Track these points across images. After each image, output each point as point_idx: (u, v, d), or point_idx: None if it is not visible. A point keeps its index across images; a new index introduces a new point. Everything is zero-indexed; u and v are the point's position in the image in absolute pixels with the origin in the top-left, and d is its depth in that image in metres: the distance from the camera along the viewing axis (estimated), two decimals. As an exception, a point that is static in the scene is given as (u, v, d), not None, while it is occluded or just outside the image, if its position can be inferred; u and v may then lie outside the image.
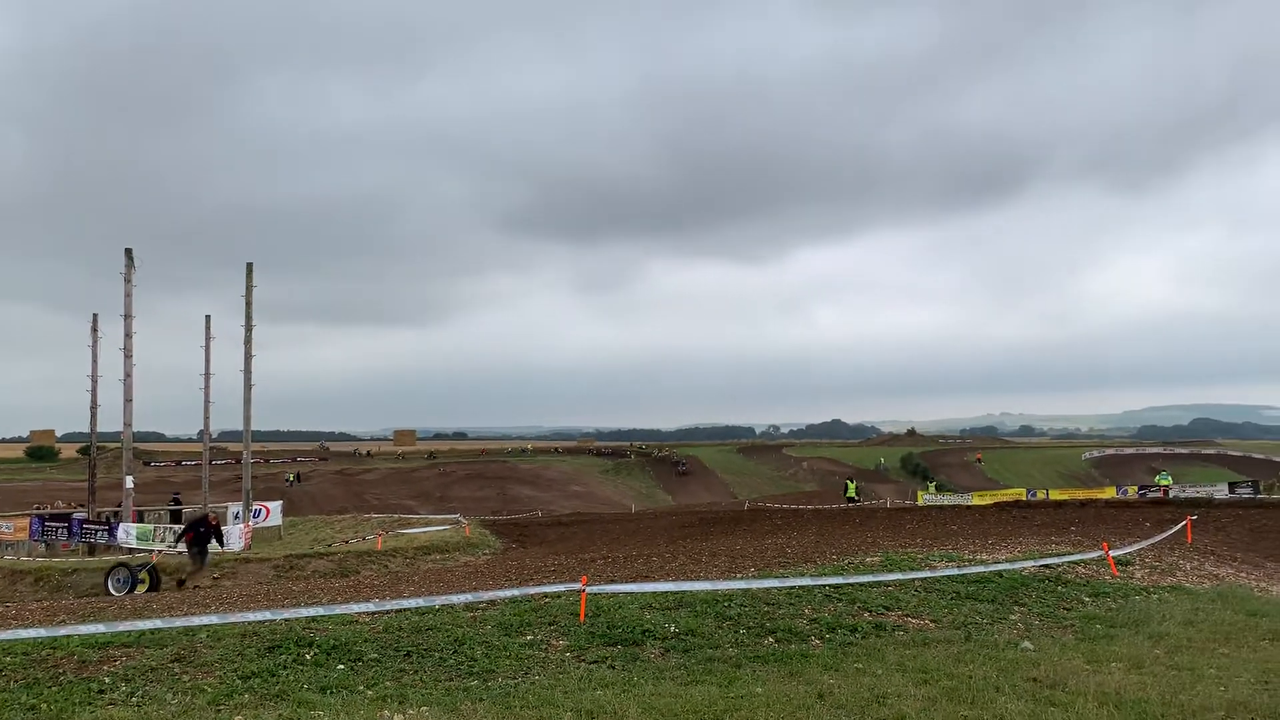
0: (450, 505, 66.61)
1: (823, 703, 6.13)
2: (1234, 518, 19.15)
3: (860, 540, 15.42)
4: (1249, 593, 10.78)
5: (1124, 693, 6.27)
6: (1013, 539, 14.77)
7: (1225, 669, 6.99)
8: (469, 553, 24.74)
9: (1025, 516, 21.57)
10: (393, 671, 6.93)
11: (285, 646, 7.30)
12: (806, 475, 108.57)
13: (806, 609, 8.84)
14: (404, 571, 19.95)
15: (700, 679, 6.81)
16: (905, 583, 9.96)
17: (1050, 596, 9.85)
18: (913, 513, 27.09)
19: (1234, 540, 15.77)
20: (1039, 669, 6.95)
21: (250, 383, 30.98)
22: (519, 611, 8.43)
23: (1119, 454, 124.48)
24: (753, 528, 22.54)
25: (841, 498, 50.65)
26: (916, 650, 7.62)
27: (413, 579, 14.93)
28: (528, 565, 15.44)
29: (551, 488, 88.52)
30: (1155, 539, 13.76)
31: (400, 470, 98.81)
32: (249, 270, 31.32)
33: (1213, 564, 12.86)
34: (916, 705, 6.03)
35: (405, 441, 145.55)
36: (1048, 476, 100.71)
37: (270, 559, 23.18)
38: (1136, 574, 11.43)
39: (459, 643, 7.53)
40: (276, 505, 35.95)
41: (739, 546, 15.59)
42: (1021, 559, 11.58)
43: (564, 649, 7.57)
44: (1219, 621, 8.80)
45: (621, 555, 15.63)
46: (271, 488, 71.64)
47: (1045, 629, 8.63)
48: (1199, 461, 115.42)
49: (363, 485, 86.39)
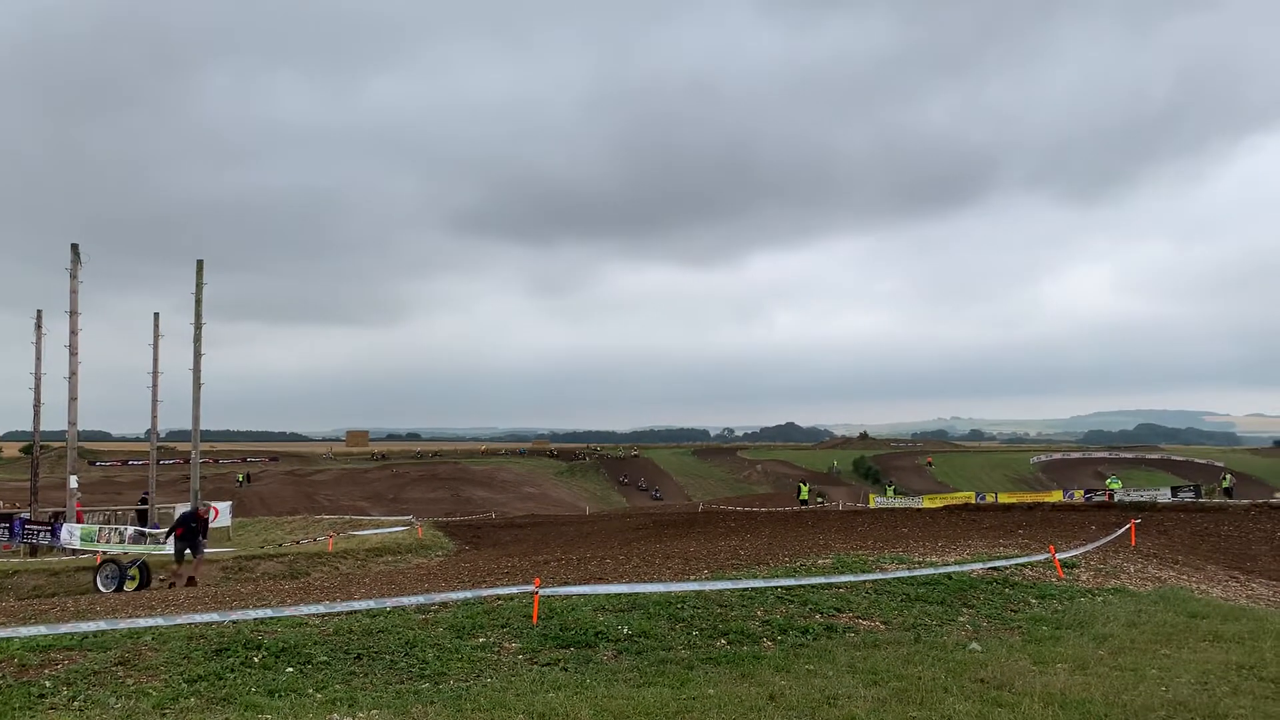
0: (403, 507, 66.14)
1: (774, 704, 6.17)
2: (1176, 521, 19.53)
3: (813, 542, 15.53)
4: (1190, 595, 11.01)
5: (1069, 693, 6.38)
6: (962, 542, 14.95)
7: (1166, 669, 7.14)
8: (421, 555, 24.56)
9: (974, 519, 21.85)
10: (343, 674, 6.86)
11: (233, 649, 7.20)
12: (760, 478, 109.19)
13: (759, 611, 8.88)
14: (355, 573, 19.75)
15: (653, 681, 6.82)
16: (856, 585, 10.05)
17: (998, 598, 9.99)
18: (864, 515, 27.35)
19: (1176, 543, 16.08)
20: (987, 670, 7.05)
21: (199, 381, 30.50)
22: (471, 614, 8.39)
23: (1066, 458, 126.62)
24: (706, 530, 22.59)
25: (795, 500, 51.05)
26: (867, 652, 7.70)
27: (364, 581, 14.78)
28: (481, 567, 15.36)
29: (505, 489, 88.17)
30: (1100, 542, 14.01)
31: (352, 471, 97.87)
32: (199, 268, 30.85)
33: (1155, 567, 13.11)
34: (866, 706, 6.09)
35: (357, 442, 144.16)
36: (997, 480, 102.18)
37: (218, 560, 22.83)
38: (1082, 576, 11.62)
39: (410, 645, 7.47)
40: (225, 506, 35.42)
41: (693, 549, 15.63)
42: (970, 561, 11.74)
43: (517, 651, 7.54)
44: (1161, 623, 8.98)
45: (575, 557, 15.60)
46: (221, 488, 70.70)
47: (993, 630, 8.75)
48: (1144, 466, 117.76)
49: (314, 486, 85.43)
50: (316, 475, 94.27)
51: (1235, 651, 7.75)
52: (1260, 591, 12.04)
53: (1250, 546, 16.37)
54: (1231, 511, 22.14)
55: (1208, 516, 20.62)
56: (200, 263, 31.09)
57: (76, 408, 30.17)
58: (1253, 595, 11.71)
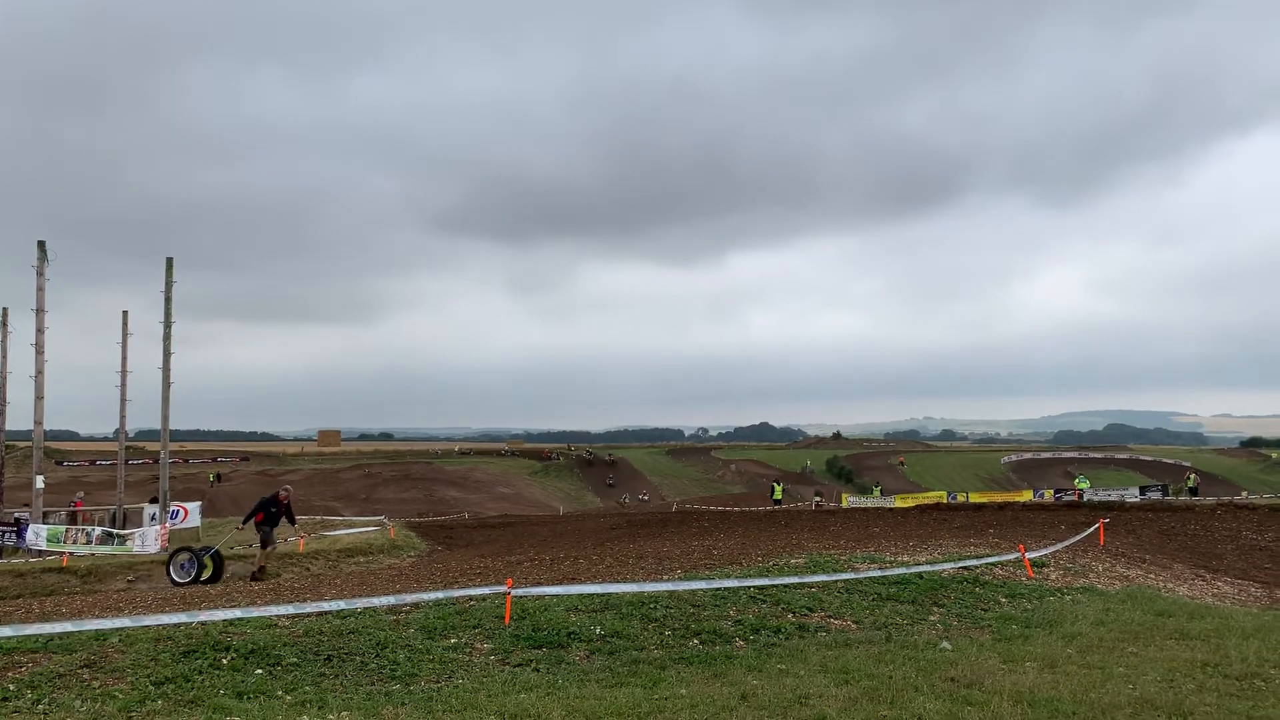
0: (375, 507, 65.80)
1: (745, 704, 6.18)
2: (1144, 520, 19.75)
3: (785, 542, 15.58)
4: (1156, 593, 11.13)
5: (1038, 691, 6.43)
6: (933, 541, 15.05)
7: (1133, 667, 7.21)
8: (393, 555, 24.43)
9: (945, 519, 22.00)
10: (313, 676, 6.80)
11: (201, 651, 7.13)
12: (734, 477, 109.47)
13: (732, 610, 8.90)
14: (326, 574, 19.61)
15: (625, 681, 6.81)
16: (829, 584, 10.09)
17: (969, 597, 10.06)
18: (837, 515, 27.48)
19: (1144, 542, 16.26)
20: (957, 669, 7.09)
21: (169, 380, 30.23)
22: (443, 614, 8.35)
23: (1036, 458, 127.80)
24: (680, 530, 22.61)
25: (769, 499, 51.19)
26: (839, 651, 7.73)
27: (335, 582, 14.69)
28: (453, 568, 15.30)
29: (479, 489, 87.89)
30: (1069, 541, 14.14)
31: (324, 471, 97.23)
32: (169, 265, 30.58)
33: (1123, 565, 13.25)
34: (837, 705, 6.11)
35: (330, 442, 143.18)
36: (968, 479, 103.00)
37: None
38: (1051, 575, 11.73)
39: (381, 646, 7.43)
40: (195, 506, 35.07)
41: (666, 549, 15.63)
42: (941, 561, 11.82)
43: (488, 652, 7.51)
44: (1128, 621, 9.07)
45: (548, 557, 15.57)
46: (191, 488, 70.05)
47: (963, 629, 8.81)
48: (1113, 466, 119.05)
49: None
50: (288, 475, 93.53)
51: (1201, 649, 7.84)
52: (1225, 590, 12.20)
53: (1216, 545, 16.59)
54: (1198, 511, 22.42)
55: (1174, 516, 20.86)
56: (170, 260, 30.82)
57: (43, 407, 29.78)
58: (1218, 593, 11.86)
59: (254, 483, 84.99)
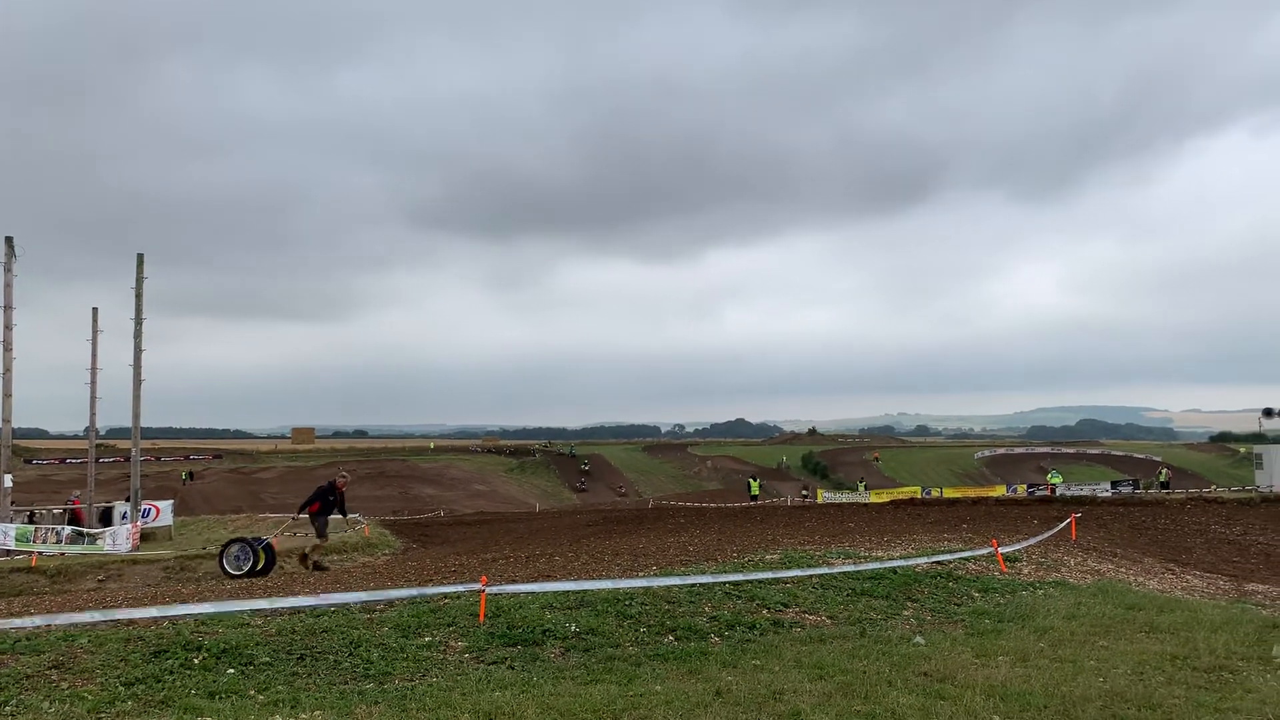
0: (349, 505, 65.32)
1: (720, 700, 6.19)
2: (1115, 515, 19.94)
3: (761, 538, 15.62)
4: (1127, 587, 11.24)
5: (1010, 685, 6.48)
6: (907, 536, 15.13)
7: (1104, 660, 7.28)
8: (368, 553, 24.31)
9: (919, 514, 22.12)
10: (285, 675, 6.75)
11: (172, 651, 7.05)
12: (710, 474, 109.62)
13: (707, 606, 8.91)
14: (299, 572, 19.49)
15: (600, 678, 6.81)
16: (803, 579, 10.12)
17: (942, 592, 10.13)
18: (812, 510, 27.58)
19: (1115, 537, 16.41)
20: (930, 663, 7.14)
21: (140, 378, 29.97)
22: (417, 613, 8.31)
23: (1009, 453, 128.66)
24: (656, 526, 22.62)
25: (746, 496, 51.35)
26: (813, 646, 7.75)
27: (308, 580, 14.59)
28: (428, 566, 15.24)
29: (455, 487, 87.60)
30: (1042, 536, 14.26)
31: (298, 469, 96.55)
32: (139, 262, 30.32)
33: (1095, 560, 13.37)
34: (812, 701, 6.13)
35: (304, 440, 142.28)
36: (942, 475, 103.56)
37: (160, 560, 22.43)
38: (1024, 570, 11.82)
39: (354, 645, 7.38)
40: (167, 504, 34.78)
41: (642, 545, 15.63)
42: (915, 556, 11.88)
43: (463, 650, 7.48)
44: (1099, 615, 9.16)
45: (524, 555, 15.54)
46: (163, 486, 69.45)
47: (937, 624, 8.87)
48: (1085, 461, 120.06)
49: (259, 484, 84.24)
50: (261, 473, 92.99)
51: (1170, 642, 7.93)
52: (1194, 583, 12.33)
53: (1185, 539, 16.77)
54: (1168, 505, 22.68)
55: (1145, 510, 21.08)
56: (140, 257, 30.57)
57: (11, 404, 29.40)
58: (1187, 587, 11.99)
59: (227, 481, 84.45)
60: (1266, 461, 49.45)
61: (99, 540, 27.35)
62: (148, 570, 21.32)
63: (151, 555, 23.78)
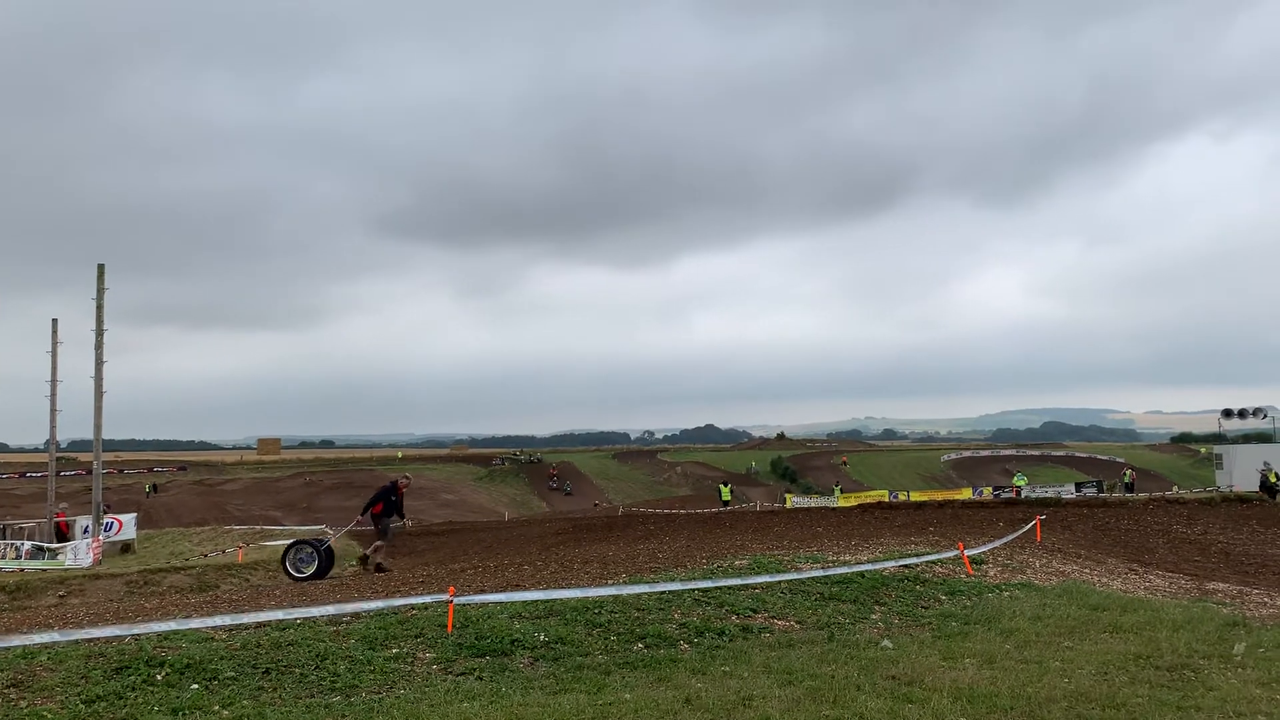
0: (317, 516, 64.86)
1: (689, 707, 6.19)
2: (1079, 516, 20.15)
3: (730, 543, 15.65)
4: (1091, 588, 11.36)
5: (976, 687, 6.53)
6: (875, 540, 15.22)
7: (1069, 661, 7.35)
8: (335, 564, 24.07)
9: (887, 517, 22.25)
10: (250, 690, 6.67)
11: (134, 667, 6.95)
12: (680, 480, 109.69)
13: (676, 613, 8.91)
14: (266, 585, 19.29)
15: (569, 687, 6.79)
16: (772, 585, 10.15)
17: (909, 595, 10.19)
18: (780, 515, 27.67)
19: (1079, 538, 16.59)
20: (898, 667, 7.18)
21: (101, 389, 29.58)
22: (384, 624, 8.24)
23: (975, 456, 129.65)
24: (625, 533, 22.62)
25: (717, 501, 51.41)
26: (782, 651, 7.77)
27: (274, 593, 14.43)
28: (395, 576, 15.12)
29: (422, 496, 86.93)
30: (1007, 538, 14.39)
31: (264, 480, 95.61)
32: (100, 272, 29.96)
33: (1060, 561, 13.51)
34: (780, 706, 6.15)
35: (269, 450, 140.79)
36: (909, 478, 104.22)
37: (122, 574, 22.13)
38: (990, 572, 11.92)
39: (321, 658, 7.31)
40: (130, 518, 34.37)
41: (611, 553, 15.61)
42: (883, 559, 11.95)
43: (431, 661, 7.43)
44: (1064, 616, 9.25)
45: (492, 564, 15.47)
46: (126, 499, 68.53)
47: (904, 627, 8.92)
48: (1049, 463, 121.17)
49: (224, 496, 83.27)
50: (227, 484, 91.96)
51: (1133, 642, 8.03)
52: (1157, 583, 12.49)
53: (1148, 540, 16.98)
54: (1131, 506, 22.97)
55: (1109, 511, 21.33)
56: (101, 267, 30.21)
57: (-31, 418, 28.99)
58: (1150, 587, 12.14)
59: (192, 493, 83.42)
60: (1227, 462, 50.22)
61: (60, 555, 26.93)
62: (110, 584, 21.02)
63: (114, 569, 23.46)
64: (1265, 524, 19.18)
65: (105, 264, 30.71)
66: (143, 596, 19.14)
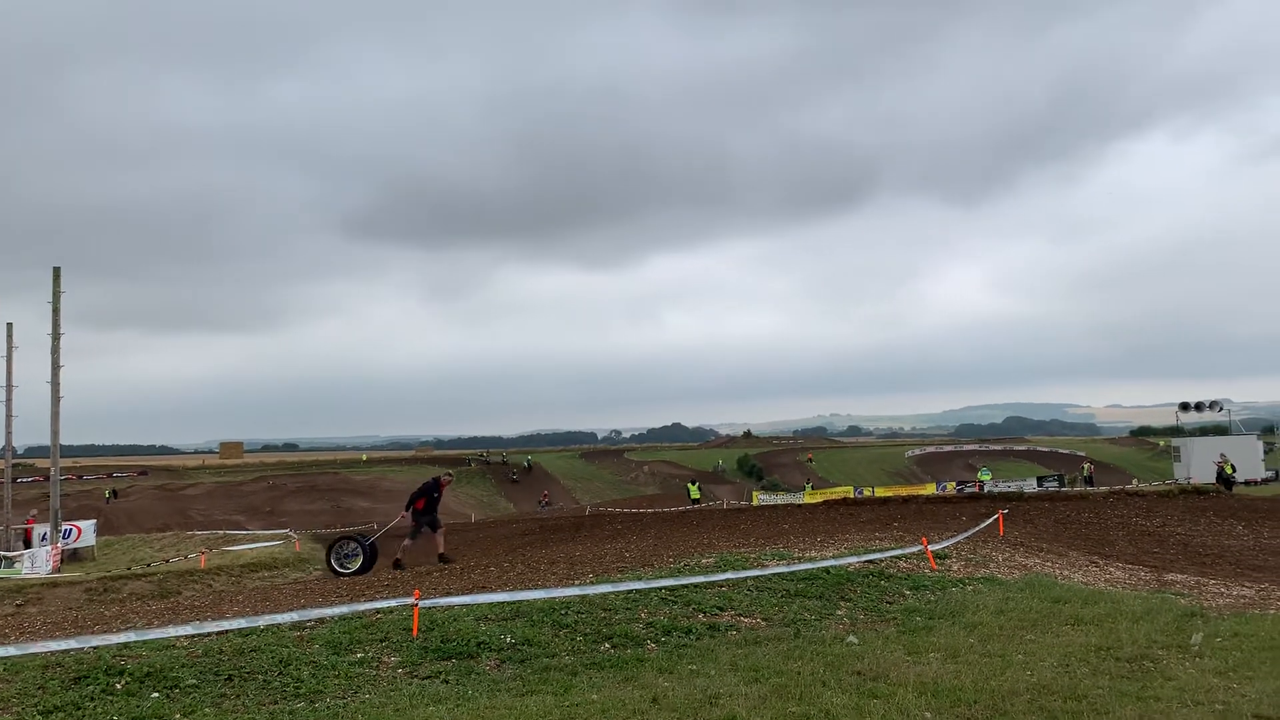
0: (280, 520, 64.31)
1: (656, 706, 6.18)
2: (1041, 510, 20.35)
3: (697, 542, 15.67)
4: (1053, 581, 11.49)
5: (941, 681, 6.58)
6: (840, 536, 15.30)
7: (1032, 654, 7.43)
8: (299, 569, 23.90)
9: (852, 514, 22.35)
10: (212, 697, 6.59)
11: (93, 676, 6.84)
12: (647, 479, 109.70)
13: (643, 613, 8.91)
14: (229, 590, 19.08)
15: (536, 689, 6.77)
16: (738, 582, 10.17)
17: (874, 591, 10.25)
18: (747, 513, 27.73)
19: (1041, 531, 16.76)
20: (863, 662, 7.22)
21: (58, 394, 29.14)
22: (349, 629, 8.17)
23: (939, 451, 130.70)
24: (593, 533, 22.58)
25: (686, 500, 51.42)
26: (748, 649, 7.80)
27: (237, 598, 14.28)
28: (360, 580, 15.00)
29: (388, 499, 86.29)
30: (970, 532, 14.52)
31: (226, 484, 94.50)
32: (56, 275, 29.54)
33: (1022, 555, 13.65)
34: (747, 704, 6.16)
35: (232, 454, 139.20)
36: (874, 474, 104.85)
37: (81, 582, 21.78)
38: (954, 567, 12.02)
39: (285, 664, 7.23)
40: (89, 524, 33.86)
41: (578, 553, 15.58)
42: (848, 555, 12.01)
43: (396, 665, 7.38)
44: (1026, 609, 9.35)
45: (458, 566, 15.39)
46: (85, 505, 67.40)
47: (869, 623, 8.97)
48: (1011, 457, 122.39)
49: (186, 501, 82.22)
50: (189, 489, 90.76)
51: (1094, 634, 8.13)
52: (1117, 575, 12.66)
53: (1108, 532, 17.20)
54: (1091, 499, 23.22)
55: (1070, 505, 21.56)
56: (57, 270, 29.79)
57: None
58: (1110, 579, 12.30)
59: (152, 498, 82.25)
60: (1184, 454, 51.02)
61: (16, 564, 26.48)
62: (69, 593, 20.67)
63: (73, 577, 23.11)
64: (1222, 515, 19.49)
65: (63, 267, 30.37)
66: (102, 604, 18.83)
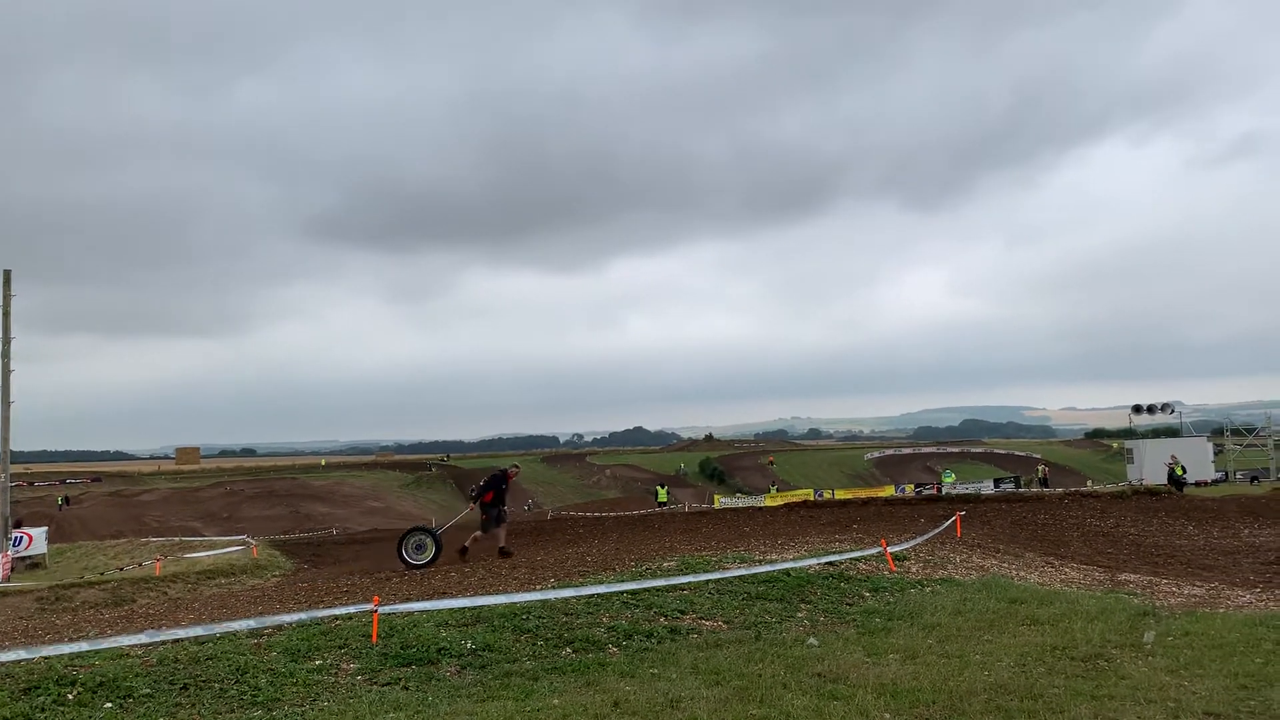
0: (238, 526, 63.44)
1: (618, 710, 6.19)
2: (998, 512, 20.60)
3: (659, 545, 15.68)
4: (1010, 582, 11.64)
5: (900, 682, 6.64)
6: (800, 538, 15.38)
7: (989, 654, 7.52)
8: (257, 575, 23.61)
9: (813, 516, 22.49)
10: (167, 706, 6.50)
11: (44, 687, 6.72)
12: (609, 483, 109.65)
13: (604, 617, 8.90)
14: (185, 598, 18.81)
15: (497, 694, 6.74)
16: (700, 585, 10.20)
17: (834, 593, 10.32)
18: (709, 516, 27.81)
19: (998, 533, 16.97)
20: (823, 664, 7.27)
21: (8, 400, 28.57)
22: (307, 636, 8.09)
23: (898, 454, 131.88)
24: (554, 537, 22.52)
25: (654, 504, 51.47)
26: (710, 652, 7.82)
27: (194, 606, 14.09)
28: (319, 587, 14.85)
29: (347, 504, 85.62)
30: (929, 534, 14.66)
31: (183, 490, 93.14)
32: (6, 278, 28.97)
33: (979, 556, 13.81)
34: (708, 707, 6.18)
35: (188, 460, 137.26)
36: (834, 476, 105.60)
37: (33, 590, 21.37)
38: (912, 568, 12.13)
39: (241, 672, 7.15)
40: (40, 531, 33.17)
41: (540, 557, 15.55)
42: (808, 557, 12.08)
43: (355, 672, 7.32)
44: (984, 610, 9.46)
45: (419, 572, 15.29)
46: (37, 512, 66.09)
47: (829, 625, 9.03)
48: (968, 459, 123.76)
49: (141, 507, 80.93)
50: (144, 495, 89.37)
51: (1050, 634, 8.24)
52: (1072, 575, 12.84)
53: (1064, 533, 17.44)
54: (1047, 500, 23.52)
55: (1026, 506, 21.84)
56: (7, 273, 29.21)
57: None
58: (1066, 579, 12.48)
59: (107, 504, 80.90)
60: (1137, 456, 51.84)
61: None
62: (19, 602, 20.28)
63: (24, 586, 22.66)
64: (1173, 515, 19.84)
65: (14, 270, 29.80)
66: (54, 613, 18.50)
